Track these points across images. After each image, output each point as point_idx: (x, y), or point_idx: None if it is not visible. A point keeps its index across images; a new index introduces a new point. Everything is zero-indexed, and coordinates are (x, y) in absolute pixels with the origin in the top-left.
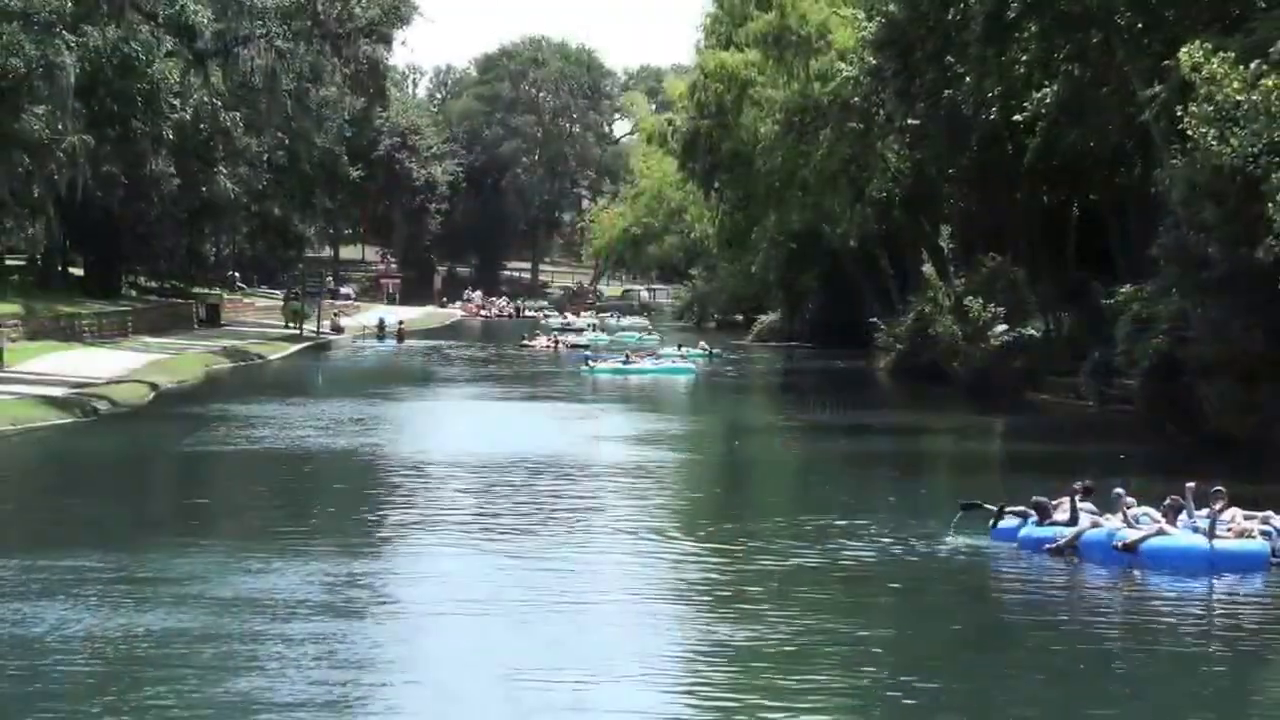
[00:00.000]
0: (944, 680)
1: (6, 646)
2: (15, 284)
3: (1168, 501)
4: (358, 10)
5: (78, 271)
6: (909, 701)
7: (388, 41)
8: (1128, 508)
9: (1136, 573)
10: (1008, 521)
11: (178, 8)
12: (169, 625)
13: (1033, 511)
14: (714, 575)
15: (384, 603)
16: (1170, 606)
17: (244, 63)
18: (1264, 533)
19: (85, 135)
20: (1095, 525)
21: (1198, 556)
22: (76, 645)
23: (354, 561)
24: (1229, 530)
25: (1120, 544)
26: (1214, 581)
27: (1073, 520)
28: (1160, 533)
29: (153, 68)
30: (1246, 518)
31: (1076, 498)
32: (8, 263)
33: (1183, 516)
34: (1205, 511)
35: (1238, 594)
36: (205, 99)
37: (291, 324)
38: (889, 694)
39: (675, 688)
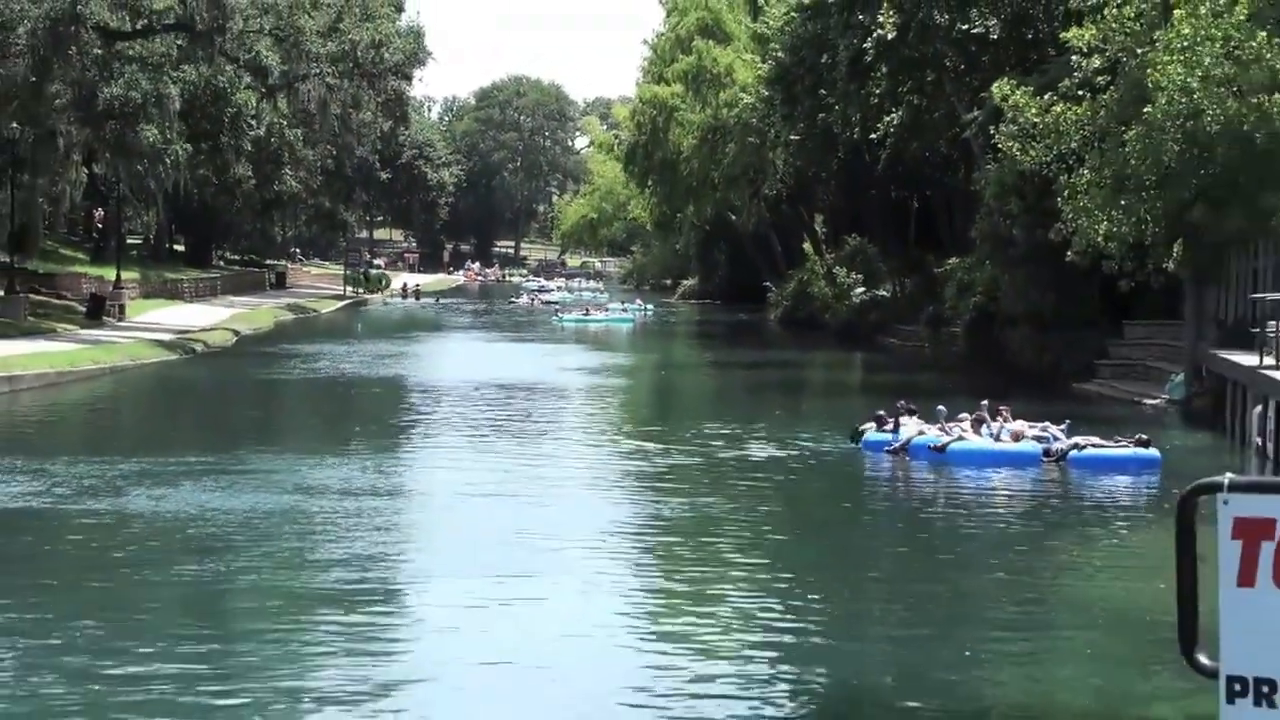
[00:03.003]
0: (812, 538)
1: (141, 521)
2: (134, 257)
3: (974, 415)
4: (387, 56)
5: (180, 248)
6: (789, 552)
7: (409, 78)
8: (945, 420)
9: (946, 467)
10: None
11: (254, 54)
12: (256, 505)
13: (872, 424)
14: (650, 466)
15: (415, 488)
16: (966, 489)
17: (303, 95)
18: (1039, 438)
19: (185, 146)
20: (921, 433)
21: (986, 455)
22: (188, 519)
23: (392, 458)
24: (1012, 436)
25: (934, 446)
26: (997, 473)
27: (895, 430)
28: (961, 438)
29: (235, 97)
30: (1029, 428)
31: (904, 415)
32: (129, 241)
33: (985, 426)
34: (998, 423)
35: (1013, 481)
36: (274, 121)
37: (357, 288)
38: (774, 544)
39: (627, 544)
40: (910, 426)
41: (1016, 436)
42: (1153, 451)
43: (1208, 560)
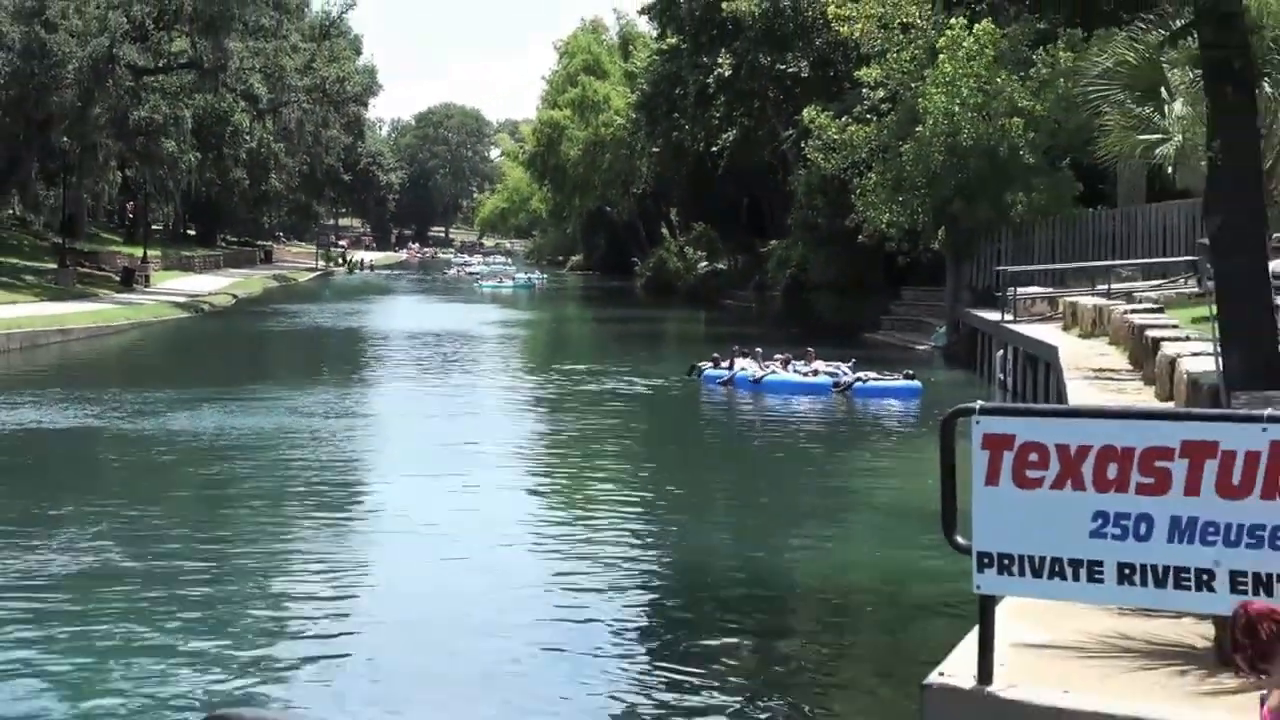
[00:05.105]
0: (662, 447)
1: (171, 435)
2: (157, 238)
3: (782, 356)
4: (348, 88)
5: (192, 231)
6: (645, 457)
7: (365, 104)
8: (763, 359)
9: (762, 395)
10: (710, 370)
11: (248, 85)
12: (255, 424)
13: (710, 363)
14: (544, 393)
15: (373, 410)
16: (777, 410)
17: (285, 117)
18: (830, 374)
19: (196, 155)
20: (743, 369)
21: (791, 386)
22: (205, 433)
23: (355, 387)
24: (812, 372)
25: (753, 378)
26: (798, 399)
27: (730, 367)
28: (773, 373)
29: (233, 118)
30: (825, 365)
31: (737, 357)
32: (153, 227)
33: (790, 364)
34: (802, 363)
35: (811, 405)
36: (263, 136)
37: (326, 263)
38: (634, 452)
39: (527, 451)
40: (739, 363)
41: (814, 373)
42: (916, 383)
43: (963, 465)
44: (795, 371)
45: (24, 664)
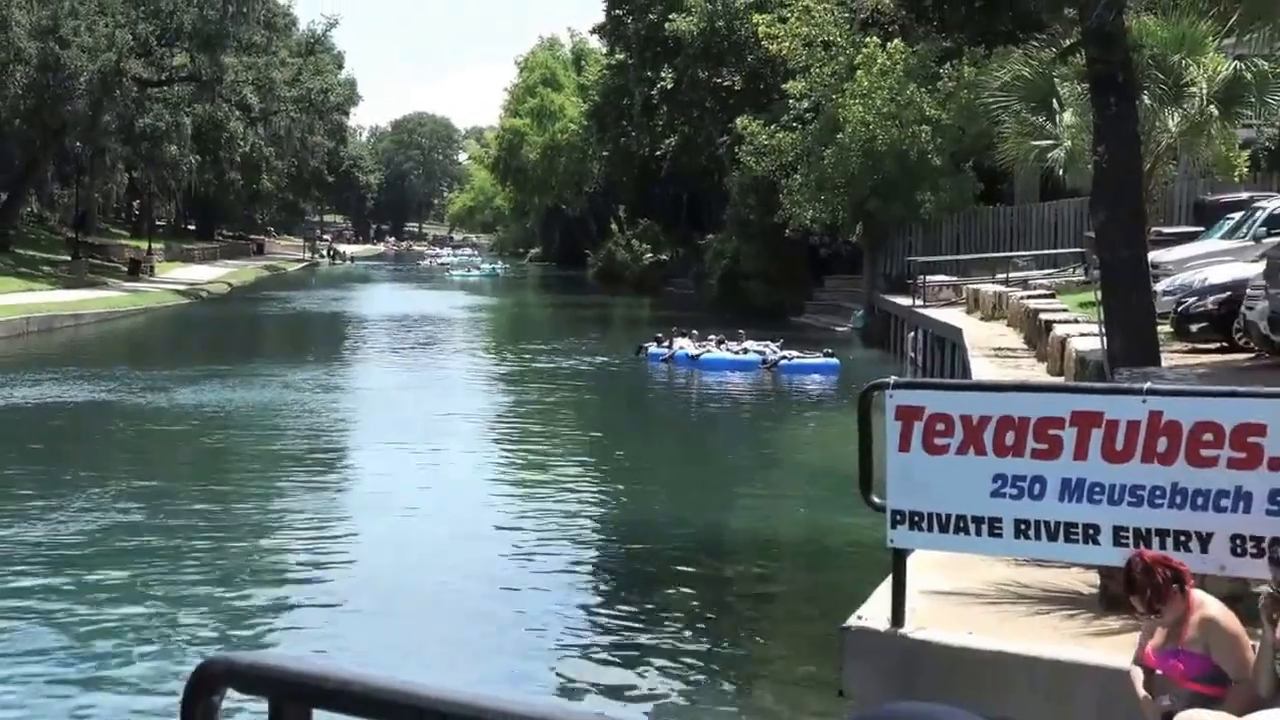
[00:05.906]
0: (613, 416)
1: (170, 406)
2: (160, 233)
3: (716, 338)
4: (331, 98)
5: (192, 226)
6: (597, 425)
7: (347, 113)
8: (699, 339)
9: (698, 371)
10: (653, 349)
11: (241, 96)
12: (251, 397)
13: (654, 343)
14: (508, 369)
15: (354, 384)
16: (712, 384)
17: (274, 124)
18: (759, 352)
19: (195, 158)
20: (682, 348)
21: (724, 363)
22: (205, 407)
23: (339, 365)
24: (743, 350)
25: (691, 356)
26: (730, 374)
27: (671, 346)
28: (709, 351)
29: (229, 125)
30: (754, 344)
31: (677, 337)
32: (157, 223)
33: (725, 344)
34: (734, 342)
35: (742, 379)
36: (255, 142)
37: (312, 254)
38: (588, 421)
39: (494, 420)
40: (679, 343)
41: (743, 351)
42: (835, 361)
43: (877, 433)
44: (728, 350)
45: (37, 616)
